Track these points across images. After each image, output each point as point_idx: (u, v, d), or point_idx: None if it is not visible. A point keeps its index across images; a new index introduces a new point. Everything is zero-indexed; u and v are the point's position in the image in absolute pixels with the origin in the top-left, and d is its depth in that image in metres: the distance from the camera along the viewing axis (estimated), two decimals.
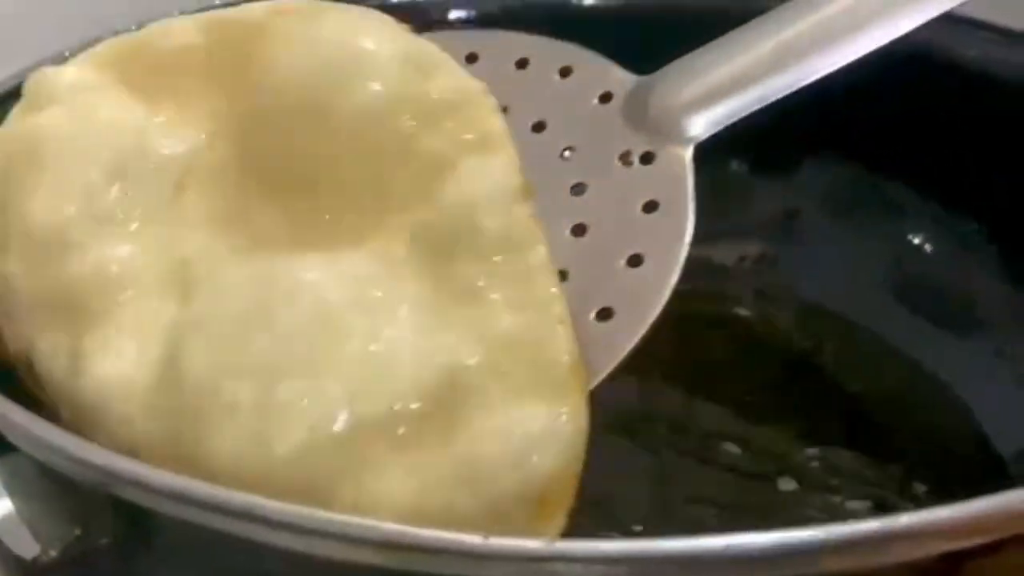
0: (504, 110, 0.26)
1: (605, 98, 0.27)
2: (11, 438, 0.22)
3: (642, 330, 0.23)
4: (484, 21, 0.44)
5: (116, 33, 0.30)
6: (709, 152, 0.43)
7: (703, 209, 0.42)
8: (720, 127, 0.27)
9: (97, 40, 0.28)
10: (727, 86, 0.27)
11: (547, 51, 0.28)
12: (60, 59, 0.37)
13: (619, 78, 0.27)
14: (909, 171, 0.39)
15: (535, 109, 0.27)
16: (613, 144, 0.26)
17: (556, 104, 0.27)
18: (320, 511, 0.19)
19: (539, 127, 0.27)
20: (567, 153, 0.27)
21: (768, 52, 0.27)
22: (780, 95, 0.27)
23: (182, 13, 0.39)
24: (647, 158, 0.26)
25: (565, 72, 0.28)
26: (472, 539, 0.18)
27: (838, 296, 0.40)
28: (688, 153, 0.26)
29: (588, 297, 0.24)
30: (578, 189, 0.26)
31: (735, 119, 0.27)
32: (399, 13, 0.41)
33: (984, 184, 0.38)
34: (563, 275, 0.24)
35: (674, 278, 0.24)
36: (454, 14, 0.44)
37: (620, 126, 0.26)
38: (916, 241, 0.40)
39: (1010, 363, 0.36)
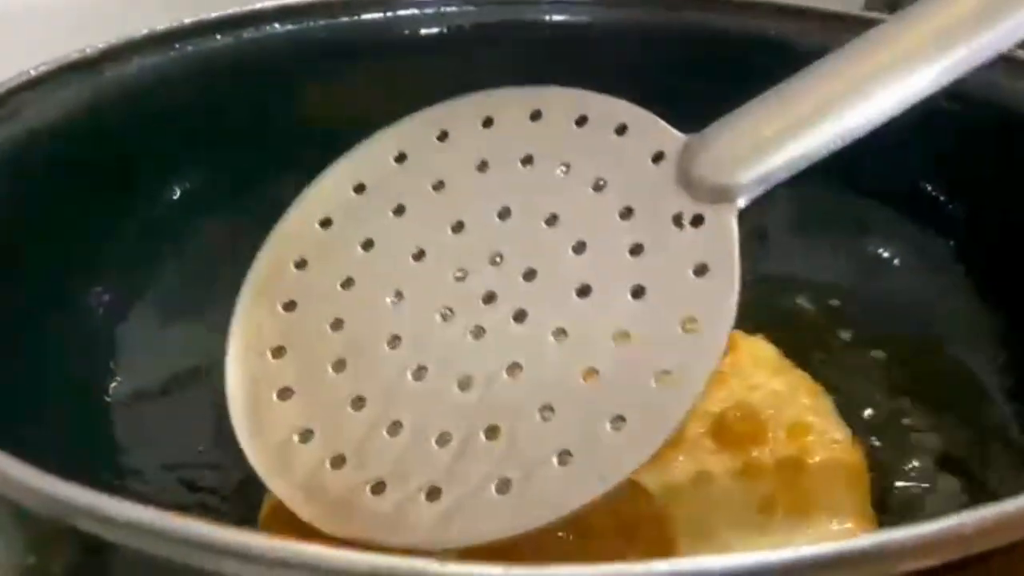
0: (567, 167, 0.28)
1: (658, 157, 0.28)
2: None
3: (697, 393, 0.24)
4: (455, 38, 0.44)
5: None
6: None
7: None
8: (768, 186, 0.27)
9: None
10: (772, 144, 0.27)
11: (604, 108, 0.29)
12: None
13: (670, 136, 0.28)
14: (880, 189, 0.40)
15: (595, 167, 0.28)
16: (667, 205, 0.27)
17: (614, 163, 0.28)
18: (276, 540, 0.19)
19: (599, 186, 0.28)
20: (626, 214, 0.27)
21: (814, 106, 0.27)
22: (828, 151, 0.27)
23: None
24: (697, 220, 0.26)
25: (621, 130, 0.28)
26: (430, 565, 0.18)
27: (809, 308, 0.40)
28: (734, 217, 0.26)
29: (648, 360, 0.25)
30: (636, 250, 0.27)
31: (782, 178, 0.27)
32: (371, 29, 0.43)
33: (953, 203, 0.38)
34: (625, 336, 0.25)
35: (724, 340, 0.25)
36: (424, 31, 0.44)
37: (672, 187, 0.27)
38: (885, 255, 0.40)
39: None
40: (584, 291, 0.26)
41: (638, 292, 0.26)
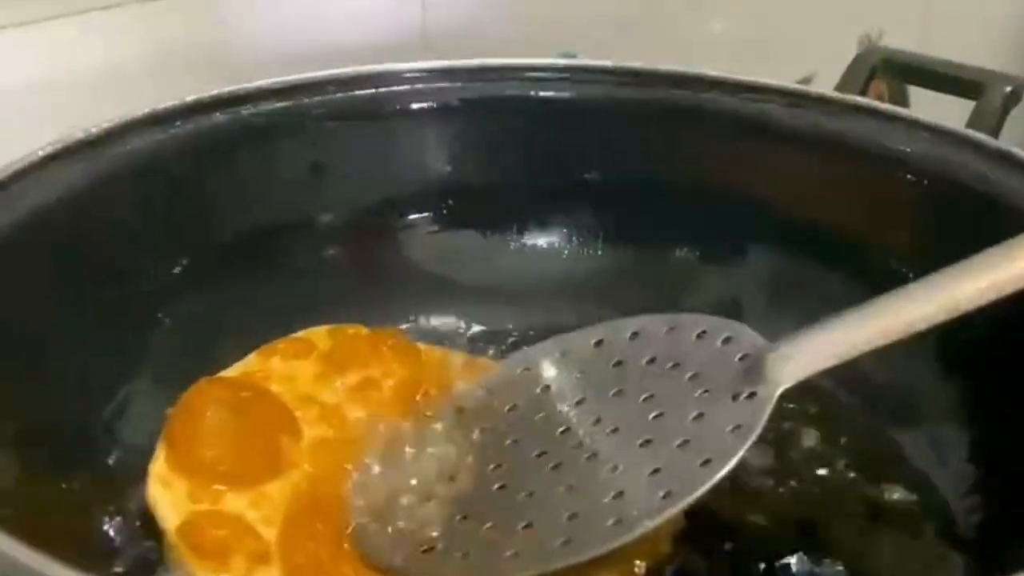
0: (677, 364, 0.35)
1: (743, 357, 0.34)
2: None
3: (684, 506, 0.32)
4: (443, 112, 0.46)
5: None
6: (656, 242, 0.46)
7: (654, 297, 0.44)
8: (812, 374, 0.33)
9: None
10: (830, 352, 0.33)
11: (716, 325, 0.36)
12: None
13: (756, 342, 0.34)
14: (849, 264, 0.41)
15: (696, 364, 0.35)
16: (733, 387, 0.33)
17: (710, 361, 0.35)
18: None
19: (694, 376, 0.35)
20: (703, 395, 0.34)
21: (871, 329, 0.32)
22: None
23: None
24: (751, 396, 0.33)
25: (726, 340, 0.35)
26: None
27: None
28: (778, 393, 0.32)
29: (662, 487, 0.32)
30: (698, 417, 0.33)
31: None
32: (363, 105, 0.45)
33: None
34: (657, 471, 0.32)
35: (724, 475, 0.31)
36: (415, 105, 0.46)
37: (743, 376, 0.34)
38: None
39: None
40: (645, 443, 0.34)
41: (683, 444, 0.33)
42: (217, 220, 0.41)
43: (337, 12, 0.58)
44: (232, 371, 0.39)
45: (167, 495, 0.34)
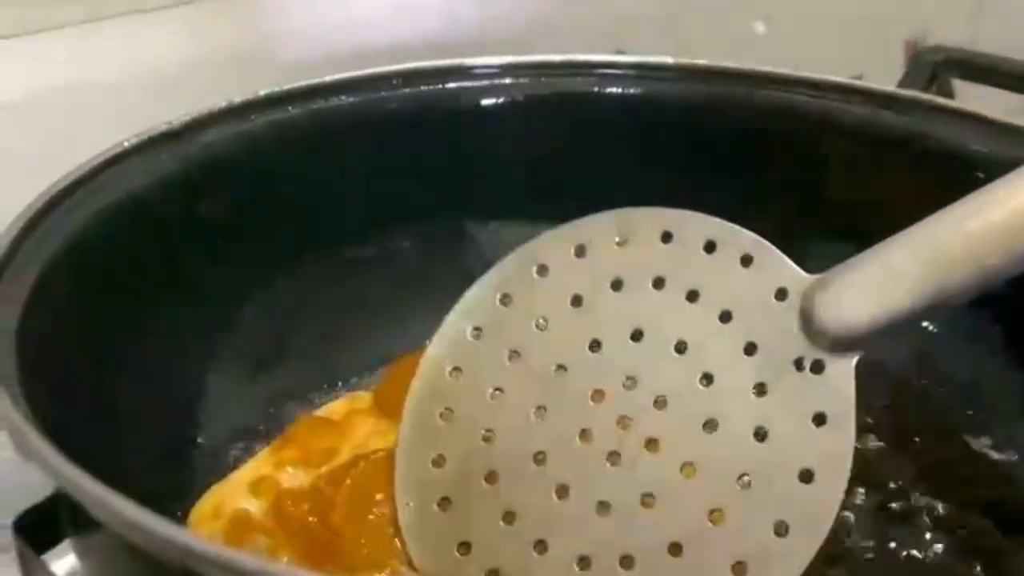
0: (695, 294, 0.29)
1: (781, 295, 0.29)
2: (93, 513, 0.23)
3: (815, 548, 0.26)
4: (510, 108, 0.46)
5: None
6: None
7: None
8: (886, 333, 0.27)
9: None
10: (894, 297, 0.27)
11: (731, 237, 0.30)
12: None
13: (793, 274, 0.29)
14: None
15: (722, 297, 0.29)
16: (789, 347, 0.28)
17: (739, 294, 0.29)
18: None
19: (725, 317, 0.29)
20: (750, 349, 0.28)
21: (935, 259, 0.27)
22: (953, 303, 0.27)
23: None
24: (817, 366, 0.27)
25: (746, 261, 0.29)
26: None
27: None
28: (852, 368, 0.27)
29: (770, 510, 0.27)
30: (760, 389, 0.28)
31: (902, 327, 0.27)
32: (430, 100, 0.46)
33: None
34: (748, 482, 0.27)
35: (839, 497, 0.26)
36: (483, 101, 0.46)
37: (794, 328, 0.28)
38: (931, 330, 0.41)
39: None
40: (711, 425, 0.28)
41: (760, 434, 0.27)
42: (293, 212, 0.42)
43: (393, 9, 0.58)
44: None
45: (341, 405, 0.37)
